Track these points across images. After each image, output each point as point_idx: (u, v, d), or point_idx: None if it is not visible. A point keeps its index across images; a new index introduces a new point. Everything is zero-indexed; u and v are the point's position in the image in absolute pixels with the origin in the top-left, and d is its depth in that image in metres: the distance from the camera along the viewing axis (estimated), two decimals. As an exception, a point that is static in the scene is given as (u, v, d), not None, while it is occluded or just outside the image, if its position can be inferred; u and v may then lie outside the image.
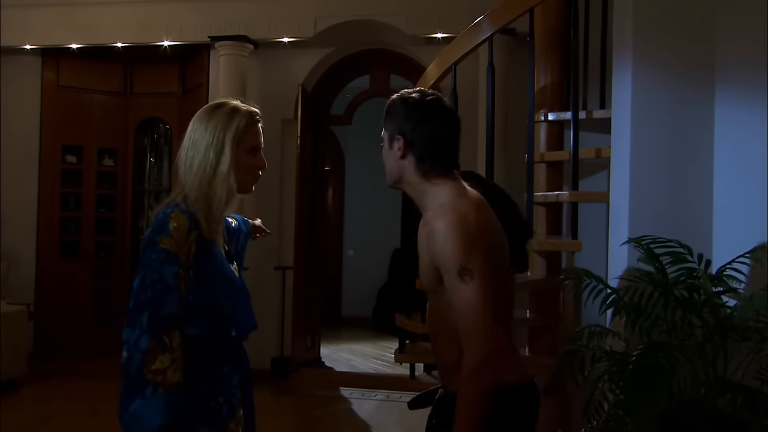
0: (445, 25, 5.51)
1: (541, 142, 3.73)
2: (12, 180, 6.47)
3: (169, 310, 1.62)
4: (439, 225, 1.69)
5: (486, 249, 1.68)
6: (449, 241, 1.66)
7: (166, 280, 1.63)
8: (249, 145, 1.81)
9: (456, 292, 1.66)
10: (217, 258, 1.76)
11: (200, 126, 1.78)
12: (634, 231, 2.83)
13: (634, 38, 2.95)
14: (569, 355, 2.55)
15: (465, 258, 1.64)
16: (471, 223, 1.68)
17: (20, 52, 6.32)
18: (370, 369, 6.68)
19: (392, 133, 1.82)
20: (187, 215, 1.69)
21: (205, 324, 1.71)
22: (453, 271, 1.65)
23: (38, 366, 5.91)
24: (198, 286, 1.68)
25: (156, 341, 1.59)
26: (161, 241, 1.65)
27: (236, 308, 1.77)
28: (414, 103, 1.82)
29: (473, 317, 1.64)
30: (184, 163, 1.77)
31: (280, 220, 6.23)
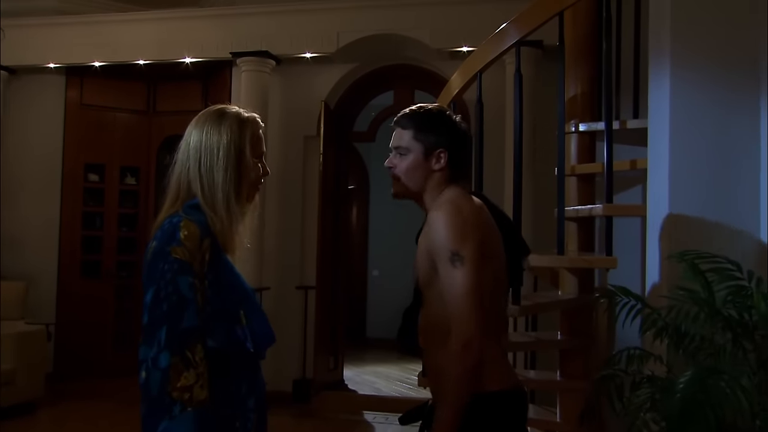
0: (471, 38, 5.37)
1: (572, 155, 3.56)
2: (34, 199, 6.45)
3: (188, 323, 1.51)
4: (436, 214, 1.78)
5: (478, 238, 1.75)
6: (444, 228, 1.75)
7: (183, 292, 1.52)
8: (257, 152, 1.75)
9: (446, 277, 1.73)
10: (228, 265, 1.66)
11: (213, 131, 1.68)
12: (673, 246, 2.64)
13: (672, 43, 2.78)
14: (606, 380, 2.35)
15: (457, 244, 1.72)
16: (466, 213, 1.78)
17: (44, 70, 6.33)
18: (395, 392, 6.49)
19: (430, 145, 1.89)
20: (198, 223, 1.59)
21: (223, 336, 1.59)
22: (445, 256, 1.73)
23: (57, 387, 5.82)
24: (214, 296, 1.58)
25: (178, 357, 1.49)
26: (173, 251, 1.54)
27: (250, 318, 1.65)
28: (454, 121, 1.94)
29: (461, 300, 1.70)
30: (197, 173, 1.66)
31: (302, 239, 6.11)
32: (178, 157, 1.70)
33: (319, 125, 5.96)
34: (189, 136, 1.70)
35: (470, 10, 5.44)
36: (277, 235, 6.03)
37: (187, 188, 1.67)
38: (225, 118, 1.70)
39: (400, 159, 1.93)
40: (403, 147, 1.92)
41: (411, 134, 1.92)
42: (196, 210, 1.63)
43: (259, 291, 5.62)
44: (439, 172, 1.90)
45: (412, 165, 1.91)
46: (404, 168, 1.91)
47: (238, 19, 5.93)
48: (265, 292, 5.76)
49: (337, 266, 6.49)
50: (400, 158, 1.93)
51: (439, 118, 1.93)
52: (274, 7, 5.87)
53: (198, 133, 1.68)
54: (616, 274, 3.34)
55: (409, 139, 1.92)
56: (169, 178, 1.70)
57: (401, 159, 1.93)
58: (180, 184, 1.68)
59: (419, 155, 1.90)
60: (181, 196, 1.67)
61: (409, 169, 1.91)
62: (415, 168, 1.90)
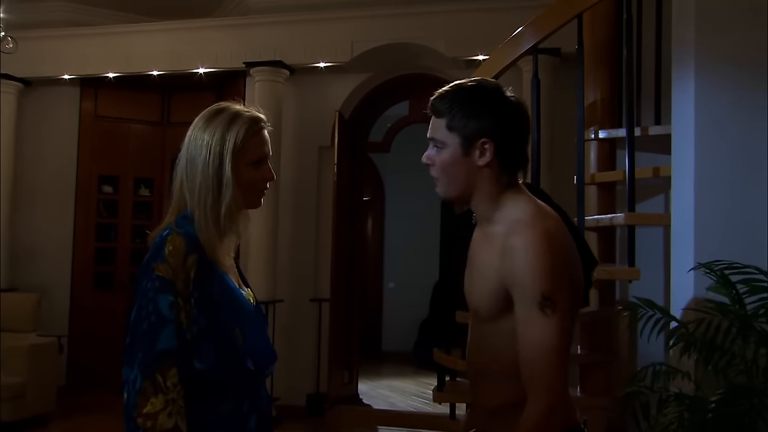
0: (487, 46, 5.26)
1: (591, 162, 3.45)
2: (48, 210, 6.44)
3: (163, 345, 1.41)
4: (519, 242, 1.42)
5: (571, 279, 1.45)
6: (532, 263, 1.40)
7: (161, 311, 1.42)
8: (252, 157, 1.57)
9: (528, 323, 1.41)
10: (223, 281, 1.54)
11: (197, 136, 1.55)
12: (699, 256, 2.53)
13: (696, 46, 2.69)
14: (631, 397, 2.23)
15: (549, 286, 1.39)
16: (557, 245, 1.43)
17: (59, 82, 6.32)
18: (410, 407, 6.37)
19: (471, 135, 1.49)
20: (184, 237, 1.48)
21: (212, 357, 1.48)
22: (532, 299, 1.40)
23: (69, 400, 5.77)
24: (201, 316, 1.47)
25: (148, 381, 1.39)
26: (156, 268, 1.44)
27: (247, 337, 1.53)
28: (505, 99, 1.51)
29: (547, 358, 1.39)
30: (183, 180, 1.55)
31: (316, 251, 6.03)
32: (177, 162, 1.59)
33: (333, 135, 5.88)
34: (186, 138, 1.59)
35: (486, 18, 5.35)
36: (291, 247, 5.96)
37: (181, 196, 1.56)
38: (216, 117, 1.57)
39: (436, 153, 1.55)
40: (438, 139, 1.54)
41: (445, 122, 1.52)
42: (188, 221, 1.52)
43: (272, 303, 5.55)
44: (487, 168, 1.51)
45: (449, 161, 1.52)
46: (441, 165, 1.54)
47: (252, 29, 5.89)
48: (279, 305, 5.68)
49: (352, 278, 6.39)
50: (436, 152, 1.55)
51: (479, 95, 1.51)
52: (288, 16, 5.83)
53: (188, 138, 1.58)
54: (637, 286, 3.22)
55: (443, 129, 1.52)
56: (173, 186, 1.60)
57: (438, 153, 1.54)
58: (176, 191, 1.57)
59: (457, 149, 1.51)
60: (178, 205, 1.56)
61: (446, 167, 1.53)
62: (454, 165, 1.52)
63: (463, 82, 1.55)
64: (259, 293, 5.41)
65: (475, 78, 1.58)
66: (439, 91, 1.55)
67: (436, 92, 1.56)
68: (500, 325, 1.50)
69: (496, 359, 1.54)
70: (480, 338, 1.61)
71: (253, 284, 5.93)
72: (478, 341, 1.62)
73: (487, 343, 1.57)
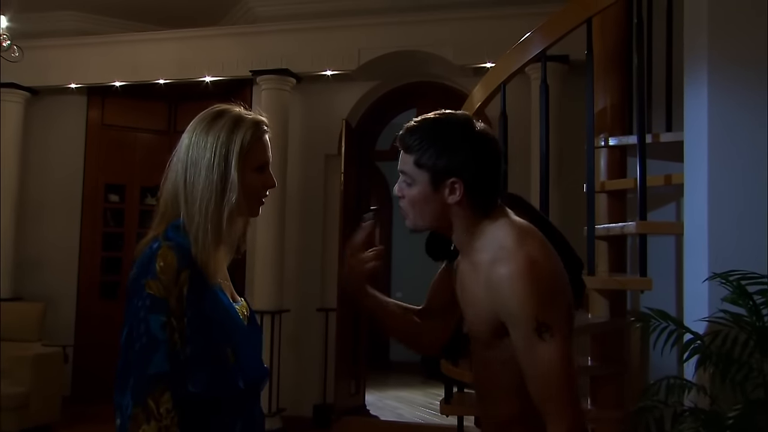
0: (495, 54, 5.18)
1: (601, 170, 3.39)
2: (55, 219, 6.42)
3: (155, 369, 1.33)
4: (504, 272, 1.39)
5: (564, 301, 1.42)
6: (522, 292, 1.37)
7: (153, 333, 1.34)
8: (256, 162, 1.49)
9: (528, 350, 1.38)
10: (215, 297, 1.45)
11: (199, 140, 1.45)
12: (713, 266, 2.46)
13: (709, 51, 2.63)
14: (644, 412, 2.16)
15: (543, 312, 1.37)
16: (545, 270, 1.40)
17: (65, 91, 6.32)
18: (418, 418, 6.29)
19: (440, 173, 1.45)
20: (176, 251, 1.39)
21: (206, 379, 1.39)
22: (527, 326, 1.37)
23: (74, 410, 5.72)
24: (195, 335, 1.38)
25: (140, 407, 1.31)
26: (147, 285, 1.35)
27: (239, 356, 1.45)
28: (475, 134, 1.47)
29: (556, 382, 1.36)
30: (180, 185, 1.45)
31: (323, 260, 5.98)
32: (170, 167, 1.49)
33: (340, 144, 5.85)
34: (181, 141, 1.49)
35: (494, 26, 5.31)
36: (297, 256, 5.91)
37: (174, 204, 1.46)
38: (218, 120, 1.47)
39: (406, 187, 1.51)
40: (407, 173, 1.50)
41: (413, 158, 1.47)
42: (179, 232, 1.43)
43: (278, 313, 5.50)
44: (457, 205, 1.48)
45: (419, 198, 1.49)
46: (411, 200, 1.50)
47: (259, 37, 5.86)
48: (285, 315, 5.63)
49: (359, 288, 6.32)
50: (406, 186, 1.51)
51: (448, 132, 1.47)
52: (295, 24, 5.80)
53: (187, 138, 1.48)
54: (648, 296, 3.15)
55: (412, 165, 1.47)
56: (161, 191, 1.49)
57: (407, 188, 1.50)
58: (167, 199, 1.47)
59: (426, 185, 1.47)
60: (168, 213, 1.47)
61: (416, 203, 1.50)
62: (424, 201, 1.49)
63: (432, 117, 1.50)
64: (266, 303, 5.45)
65: (445, 112, 1.51)
66: (408, 125, 1.51)
67: (405, 125, 1.51)
68: (499, 349, 1.48)
69: (499, 381, 1.52)
70: (482, 360, 1.58)
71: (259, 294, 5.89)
72: (481, 363, 1.59)
73: (490, 366, 1.55)
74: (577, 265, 1.65)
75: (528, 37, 3.02)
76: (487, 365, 1.57)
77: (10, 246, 6.09)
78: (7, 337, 5.49)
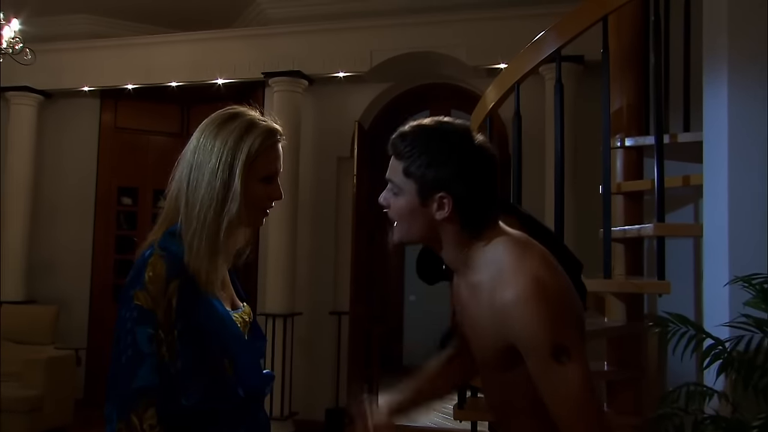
0: (509, 55, 5.12)
1: (617, 171, 3.33)
2: (68, 222, 6.44)
3: (140, 383, 1.27)
4: (509, 297, 1.29)
5: (576, 317, 1.33)
6: (532, 317, 1.27)
7: (139, 345, 1.28)
8: (263, 172, 1.41)
9: (547, 378, 1.29)
10: (209, 306, 1.37)
11: (207, 142, 1.38)
12: (734, 269, 2.40)
13: (729, 51, 2.57)
14: (663, 419, 2.10)
15: (557, 335, 1.27)
16: (552, 288, 1.29)
17: (79, 94, 6.33)
18: (431, 423, 6.22)
19: (429, 185, 1.34)
20: (166, 259, 1.32)
21: (201, 391, 1.34)
22: (544, 351, 1.28)
23: (87, 413, 5.70)
24: (186, 348, 1.31)
25: (123, 422, 1.27)
26: (135, 296, 1.30)
27: (237, 366, 1.39)
28: (470, 145, 1.36)
29: (578, 405, 1.28)
30: (182, 188, 1.39)
31: (335, 263, 5.94)
32: (176, 167, 1.43)
33: (352, 146, 5.82)
34: (190, 142, 1.42)
35: (508, 26, 5.26)
36: (310, 259, 5.88)
37: (176, 206, 1.40)
38: (229, 124, 1.40)
39: (393, 197, 1.40)
40: (394, 183, 1.39)
41: (402, 166, 1.37)
42: (174, 239, 1.37)
43: (291, 316, 5.47)
44: (447, 223, 1.36)
45: (404, 209, 1.38)
46: (397, 211, 1.40)
47: (271, 39, 5.85)
48: (297, 318, 5.60)
49: (372, 291, 6.29)
50: (393, 196, 1.40)
51: (441, 140, 1.35)
52: (307, 26, 5.78)
53: (196, 140, 1.41)
54: (665, 300, 3.09)
55: (400, 174, 1.37)
56: (167, 191, 1.44)
57: (394, 198, 1.40)
58: (170, 200, 1.42)
59: (413, 197, 1.36)
60: (170, 215, 1.41)
61: (403, 215, 1.39)
62: (411, 215, 1.38)
63: (427, 123, 1.39)
64: (278, 306, 5.41)
65: (443, 119, 1.40)
66: (401, 130, 1.41)
67: (398, 130, 1.42)
68: (511, 374, 1.39)
69: (512, 403, 1.45)
70: (492, 382, 1.50)
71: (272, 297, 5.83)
72: (491, 384, 1.51)
73: (501, 389, 1.47)
74: (576, 266, 1.57)
75: (542, 35, 2.96)
76: (498, 389, 1.49)
77: (23, 249, 6.12)
78: (20, 339, 5.51)
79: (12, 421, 4.86)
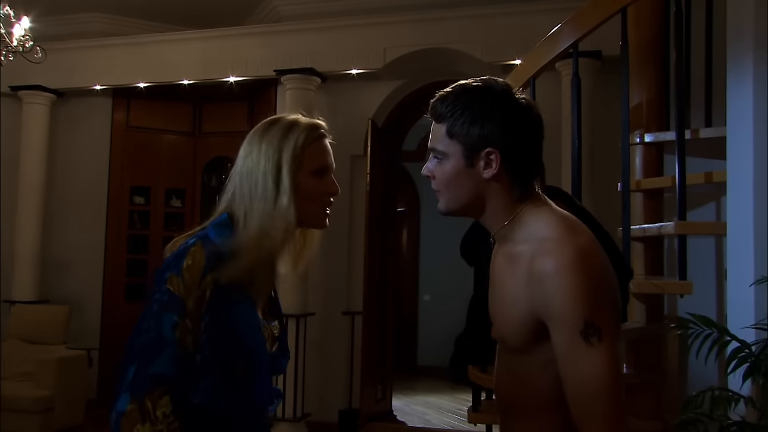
0: (524, 51, 5.03)
1: (636, 168, 3.23)
2: (80, 222, 6.41)
3: (157, 369, 1.25)
4: (549, 266, 1.23)
5: (613, 301, 1.26)
6: (569, 288, 1.21)
7: (162, 331, 1.26)
8: (313, 165, 1.41)
9: (572, 357, 1.22)
10: (244, 308, 1.35)
11: (253, 149, 1.40)
12: (759, 269, 2.31)
13: (754, 42, 2.48)
14: (687, 425, 2.01)
15: (592, 311, 1.20)
16: (596, 265, 1.24)
17: (91, 93, 6.31)
18: (446, 424, 6.15)
19: (475, 143, 1.30)
20: (207, 252, 1.31)
21: (211, 390, 1.30)
22: (573, 328, 1.21)
23: (99, 414, 5.65)
24: (209, 342, 1.29)
25: (136, 404, 1.23)
26: (169, 280, 1.29)
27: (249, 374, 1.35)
28: (514, 101, 1.32)
29: (603, 396, 1.20)
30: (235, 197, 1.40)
31: (348, 262, 5.88)
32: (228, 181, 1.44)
33: (366, 144, 5.74)
34: (239, 153, 1.44)
35: (523, 22, 5.16)
36: (323, 258, 5.80)
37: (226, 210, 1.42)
38: (272, 127, 1.42)
39: (437, 165, 1.36)
40: (438, 150, 1.35)
41: (445, 128, 1.33)
42: (222, 229, 1.37)
43: (303, 317, 5.41)
44: (494, 181, 1.32)
45: (451, 174, 1.34)
46: (443, 179, 1.36)
47: (283, 36, 5.78)
48: (310, 318, 5.54)
49: (386, 291, 6.22)
50: (437, 164, 1.36)
51: (484, 97, 1.31)
52: (320, 23, 5.71)
53: (244, 149, 1.42)
54: (686, 301, 2.99)
55: (444, 137, 1.33)
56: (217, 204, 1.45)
57: (438, 165, 1.36)
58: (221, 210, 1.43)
59: (459, 160, 1.32)
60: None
61: (448, 181, 1.35)
62: (457, 178, 1.33)
63: (467, 82, 1.35)
64: (290, 306, 5.34)
65: (482, 78, 1.36)
66: (440, 93, 1.36)
67: (436, 93, 1.36)
68: (532, 356, 1.32)
69: (527, 392, 1.36)
70: (509, 368, 1.42)
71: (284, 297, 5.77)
72: (507, 372, 1.43)
73: (517, 375, 1.39)
74: (626, 275, 1.49)
75: (559, 28, 2.88)
76: (514, 374, 1.40)
77: (35, 248, 6.10)
78: (32, 339, 5.49)
79: (24, 421, 4.84)
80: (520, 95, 1.35)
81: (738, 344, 1.98)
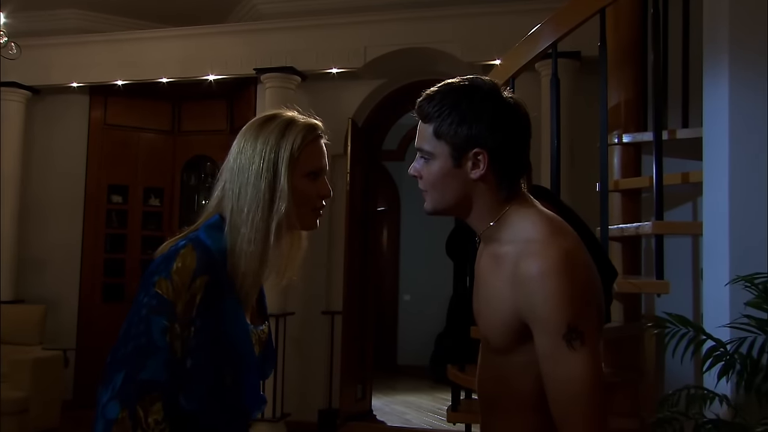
0: (504, 51, 5.01)
1: (615, 168, 3.26)
2: (57, 220, 6.32)
3: (148, 375, 1.22)
4: (533, 268, 1.23)
5: (596, 304, 1.26)
6: (553, 292, 1.21)
7: (152, 336, 1.23)
8: (308, 168, 1.38)
9: (554, 360, 1.23)
10: (230, 314, 1.33)
11: (248, 146, 1.37)
12: (734, 268, 2.33)
13: (729, 44, 2.50)
14: (663, 423, 2.03)
15: (575, 315, 1.21)
16: (580, 268, 1.24)
17: (67, 90, 6.22)
18: (426, 424, 6.15)
19: (462, 143, 1.30)
20: (198, 254, 1.28)
21: (201, 395, 1.28)
22: (556, 332, 1.22)
23: (75, 415, 5.62)
24: (200, 347, 1.26)
25: (127, 411, 1.21)
26: (158, 284, 1.25)
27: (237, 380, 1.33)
28: (501, 100, 1.31)
29: (583, 399, 1.20)
30: (227, 195, 1.37)
31: (328, 262, 5.86)
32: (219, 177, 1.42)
33: (346, 144, 5.72)
34: (231, 149, 1.42)
35: (503, 22, 5.18)
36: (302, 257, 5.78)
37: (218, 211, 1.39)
38: (268, 125, 1.38)
39: (424, 165, 1.36)
40: (425, 150, 1.34)
41: (432, 128, 1.32)
42: (213, 232, 1.34)
43: (283, 316, 5.38)
44: (482, 182, 1.32)
45: (438, 174, 1.33)
46: (430, 179, 1.35)
47: (263, 34, 5.74)
48: (290, 318, 5.51)
49: (366, 290, 6.22)
50: (424, 164, 1.36)
51: (471, 96, 1.30)
52: (299, 22, 5.69)
53: (236, 145, 1.40)
54: (663, 301, 3.02)
55: (431, 137, 1.32)
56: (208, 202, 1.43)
57: (425, 165, 1.35)
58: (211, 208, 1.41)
59: (446, 160, 1.31)
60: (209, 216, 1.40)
61: (435, 181, 1.34)
62: (444, 178, 1.33)
63: (454, 81, 1.34)
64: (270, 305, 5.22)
65: (469, 77, 1.35)
66: (427, 92, 1.35)
67: (423, 92, 1.36)
68: (514, 357, 1.32)
69: (509, 393, 1.36)
70: (491, 368, 1.42)
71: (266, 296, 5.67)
72: (489, 371, 1.43)
73: (499, 374, 1.38)
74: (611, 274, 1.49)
75: (538, 28, 2.89)
76: (496, 374, 1.40)
77: (11, 247, 6.00)
78: (8, 340, 5.40)
79: (-2, 423, 4.77)
80: (508, 94, 1.34)
81: (713, 343, 2.00)
